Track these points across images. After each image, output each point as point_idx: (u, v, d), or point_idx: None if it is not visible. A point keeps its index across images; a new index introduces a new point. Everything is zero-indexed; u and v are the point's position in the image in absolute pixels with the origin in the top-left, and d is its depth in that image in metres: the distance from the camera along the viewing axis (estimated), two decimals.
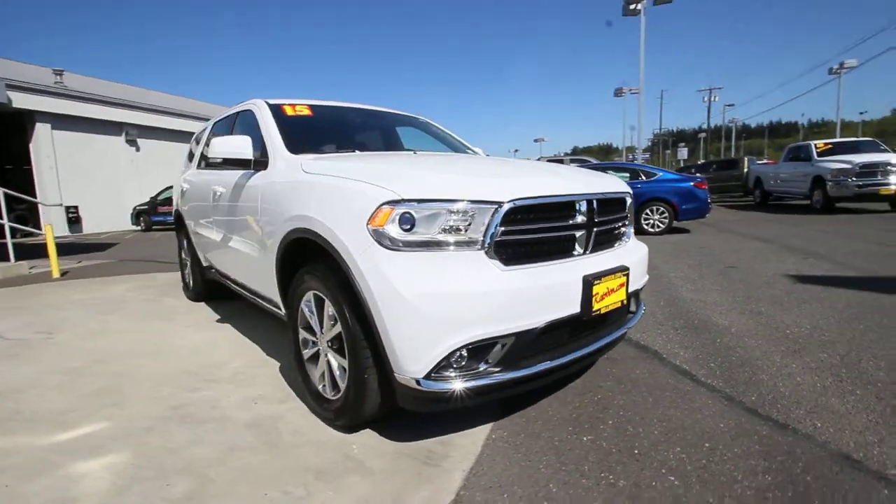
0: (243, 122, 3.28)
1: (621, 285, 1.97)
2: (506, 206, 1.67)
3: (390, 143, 3.37)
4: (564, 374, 2.12)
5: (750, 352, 2.70)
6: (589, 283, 1.80)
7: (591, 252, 1.96)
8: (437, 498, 1.55)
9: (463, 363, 1.64)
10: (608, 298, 1.91)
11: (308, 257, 2.12)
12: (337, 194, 1.83)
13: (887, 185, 10.16)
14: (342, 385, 1.91)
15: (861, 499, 1.48)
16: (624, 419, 2.01)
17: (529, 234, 1.75)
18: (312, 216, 1.87)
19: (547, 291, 1.72)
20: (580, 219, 1.91)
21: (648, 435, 1.88)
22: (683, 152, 38.50)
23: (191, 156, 4.48)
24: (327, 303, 1.91)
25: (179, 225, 4.46)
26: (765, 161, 19.59)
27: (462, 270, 1.62)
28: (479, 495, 1.55)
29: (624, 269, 1.98)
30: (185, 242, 4.38)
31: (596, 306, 1.85)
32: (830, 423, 1.92)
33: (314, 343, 2.13)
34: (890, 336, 2.84)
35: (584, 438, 1.87)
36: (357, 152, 2.75)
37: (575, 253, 1.90)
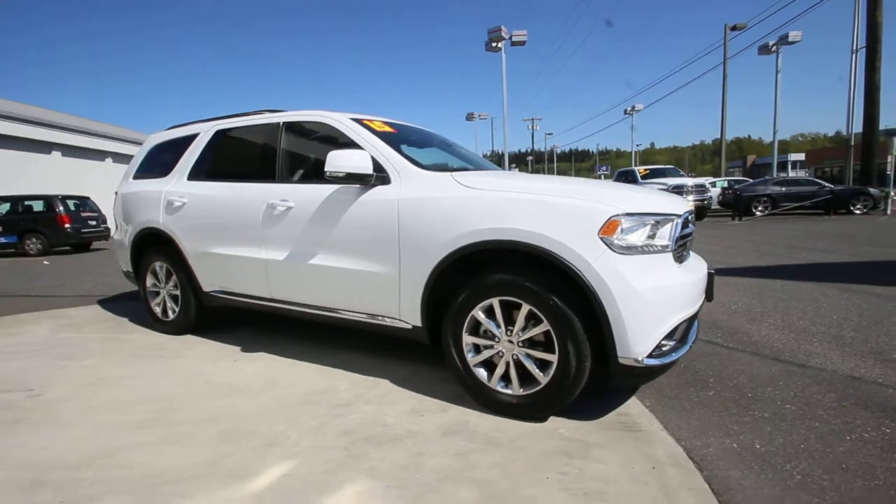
0: (299, 134, 3.11)
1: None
2: (682, 218, 2.18)
3: (448, 158, 3.51)
4: None
5: (728, 323, 3.70)
6: (712, 275, 2.42)
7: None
8: (674, 452, 1.94)
9: (664, 344, 2.08)
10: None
11: (468, 268, 2.29)
12: (561, 210, 2.08)
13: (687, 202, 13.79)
14: (543, 379, 2.14)
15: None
16: (709, 376, 2.68)
17: (683, 239, 2.29)
18: (527, 229, 2.08)
19: (699, 283, 2.27)
20: (691, 227, 2.52)
21: (738, 383, 2.57)
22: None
23: (162, 165, 3.85)
24: (524, 306, 2.13)
25: (155, 246, 3.78)
26: None
27: (663, 268, 2.07)
28: (696, 441, 2.00)
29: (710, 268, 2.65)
30: (163, 266, 3.72)
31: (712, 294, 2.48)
32: (799, 352, 2.89)
33: (486, 348, 2.29)
34: (797, 306, 4.17)
35: (701, 393, 2.47)
36: (470, 170, 2.89)
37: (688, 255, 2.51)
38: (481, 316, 2.27)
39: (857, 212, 14.77)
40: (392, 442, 2.05)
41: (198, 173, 3.56)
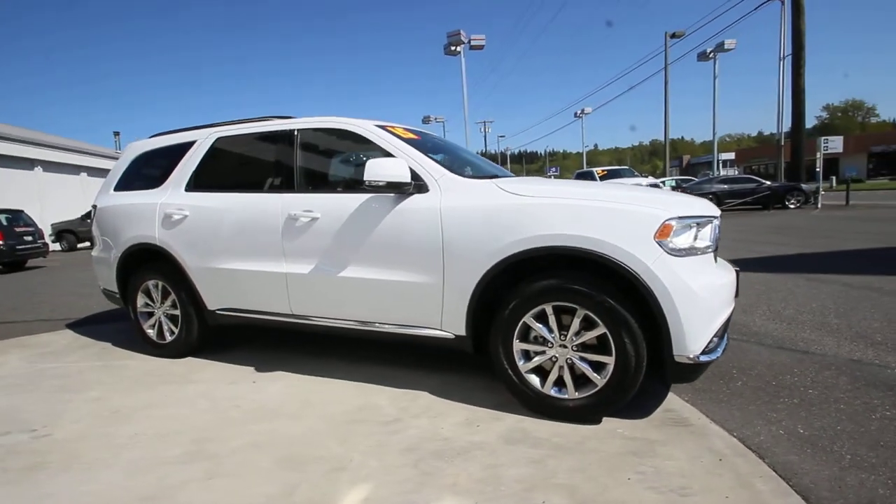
0: (317, 142, 3.00)
1: None
2: (718, 220, 2.30)
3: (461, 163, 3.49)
4: None
5: None
6: (738, 273, 2.57)
7: None
8: (731, 443, 2.04)
9: (713, 340, 2.18)
10: None
11: (521, 275, 2.31)
12: (617, 216, 2.13)
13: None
14: (600, 381, 2.19)
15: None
16: (731, 367, 2.84)
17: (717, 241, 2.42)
18: (585, 235, 2.12)
19: (733, 282, 2.40)
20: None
21: (759, 372, 2.75)
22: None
23: (151, 176, 3.59)
24: (579, 310, 2.18)
25: (149, 263, 3.52)
26: None
27: (708, 268, 2.19)
28: (745, 431, 2.12)
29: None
30: (159, 285, 3.46)
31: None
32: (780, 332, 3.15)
33: (536, 353, 2.32)
34: (778, 297, 4.50)
35: (731, 385, 2.62)
36: (500, 176, 2.88)
37: None
38: (533, 322, 2.29)
39: (792, 206, 16.13)
40: (460, 455, 2.03)
41: (198, 184, 3.35)
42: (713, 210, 2.35)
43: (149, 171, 3.71)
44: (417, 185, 2.55)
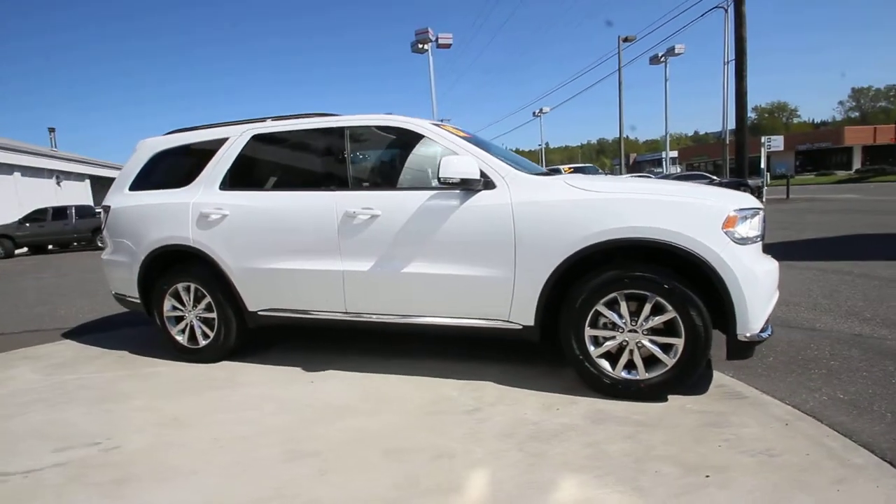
0: (371, 140, 3.01)
1: None
2: (763, 211, 2.55)
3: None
4: None
5: None
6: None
7: None
8: (788, 409, 2.29)
9: (767, 321, 2.42)
10: None
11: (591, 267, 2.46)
12: (689, 209, 2.31)
13: None
14: (670, 362, 2.38)
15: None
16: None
17: None
18: (661, 227, 2.29)
19: (778, 269, 2.65)
20: None
21: (783, 349, 3.06)
22: None
23: (176, 174, 3.44)
24: (651, 297, 2.35)
25: (179, 265, 3.38)
26: None
27: (761, 255, 2.43)
28: (795, 399, 2.38)
29: None
30: (191, 287, 3.33)
31: None
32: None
33: (606, 339, 2.48)
34: None
35: (764, 361, 2.91)
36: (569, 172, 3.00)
37: None
38: (605, 309, 2.45)
39: None
40: (556, 437, 2.15)
41: (234, 182, 3.25)
42: (759, 203, 2.60)
43: (171, 170, 3.55)
44: (485, 181, 2.63)
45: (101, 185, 29.49)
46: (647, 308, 2.39)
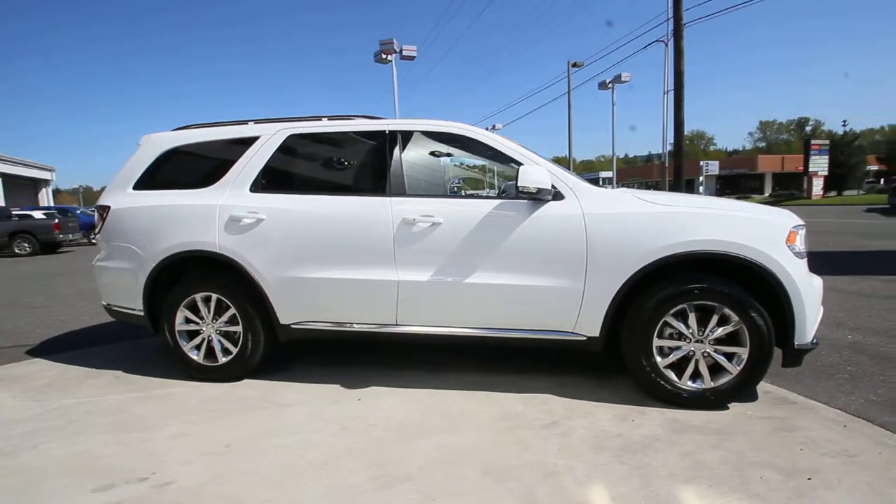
0: (424, 144, 2.92)
1: None
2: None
3: None
4: None
5: None
6: None
7: None
8: (837, 412, 2.46)
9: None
10: None
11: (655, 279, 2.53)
12: (756, 224, 2.45)
13: None
14: (734, 370, 2.48)
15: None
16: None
17: None
18: (732, 241, 2.40)
19: None
20: None
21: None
22: None
23: (194, 174, 3.13)
24: (718, 308, 2.45)
25: (197, 273, 3.08)
26: None
27: (807, 268, 2.62)
28: (838, 402, 2.56)
29: None
30: (212, 299, 3.01)
31: None
32: None
33: (671, 350, 2.55)
34: None
35: (791, 369, 3.12)
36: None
37: None
38: (673, 320, 2.52)
39: None
40: (647, 448, 2.16)
41: (268, 184, 3.01)
42: (800, 219, 2.81)
43: (187, 169, 3.23)
44: (555, 192, 2.64)
45: (13, 185, 26.34)
46: (715, 319, 2.49)
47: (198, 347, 3.11)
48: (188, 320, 3.10)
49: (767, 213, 2.56)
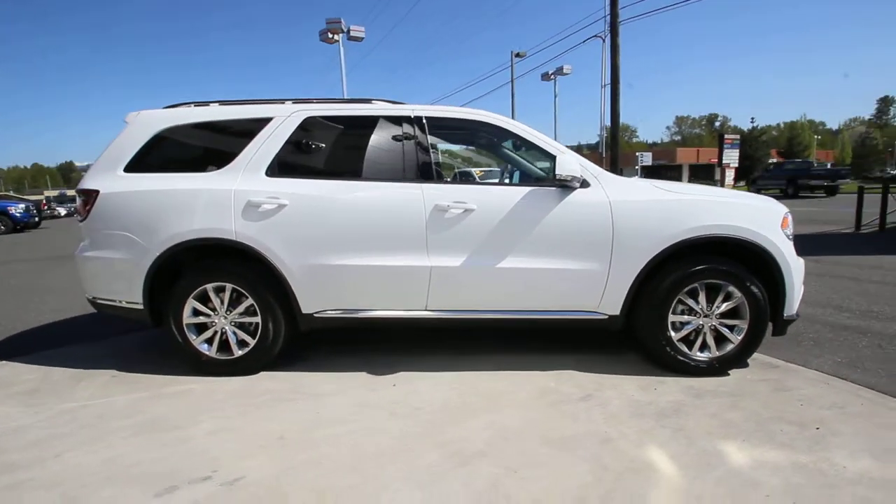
0: (451, 132, 2.93)
1: None
2: None
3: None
4: None
5: None
6: None
7: None
8: (818, 374, 2.86)
9: None
10: None
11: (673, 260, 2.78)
12: (759, 210, 2.75)
13: None
14: (736, 340, 2.80)
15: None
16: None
17: None
18: (741, 225, 2.68)
19: None
20: None
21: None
22: None
23: (197, 156, 2.92)
24: (724, 286, 2.75)
25: (207, 261, 2.89)
26: None
27: None
28: (814, 365, 2.97)
29: None
30: (226, 289, 2.85)
31: None
32: None
33: (683, 324, 2.82)
34: None
35: (774, 339, 3.55)
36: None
37: None
38: (686, 297, 2.78)
39: None
40: (679, 412, 2.40)
41: (286, 168, 2.88)
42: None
43: (189, 150, 3.00)
44: (582, 180, 2.78)
45: None
46: (722, 295, 2.78)
47: (208, 341, 2.93)
48: (197, 312, 2.91)
49: (765, 201, 2.88)
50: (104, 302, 3.03)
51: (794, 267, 2.78)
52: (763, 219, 2.77)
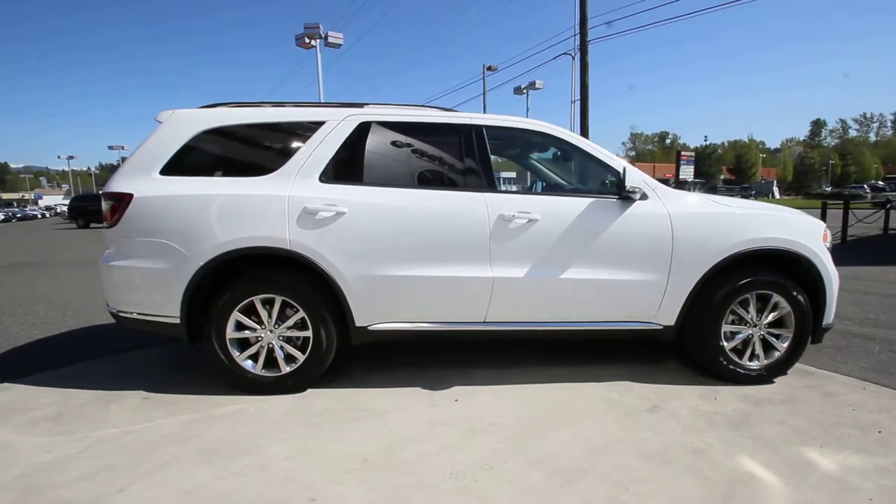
0: (510, 142, 2.91)
1: None
2: None
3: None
4: None
5: None
6: None
7: None
8: (851, 379, 3.02)
9: None
10: None
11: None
12: (805, 224, 2.88)
13: None
14: (782, 348, 2.91)
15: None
16: None
17: None
18: (792, 238, 2.80)
19: None
20: None
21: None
22: None
23: (240, 159, 2.75)
24: (773, 296, 2.86)
25: (253, 272, 2.72)
26: None
27: None
28: (845, 371, 3.13)
29: None
30: (276, 301, 2.68)
31: None
32: None
33: (734, 334, 2.91)
34: None
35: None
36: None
37: None
38: (738, 308, 2.87)
39: None
40: (748, 420, 2.46)
41: (342, 175, 2.75)
42: None
43: (233, 153, 2.82)
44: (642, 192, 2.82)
45: None
46: (771, 305, 2.89)
47: (252, 357, 2.74)
48: (241, 326, 2.71)
49: (805, 216, 3.04)
50: (131, 316, 2.77)
51: (833, 277, 2.93)
52: (810, 232, 2.91)
